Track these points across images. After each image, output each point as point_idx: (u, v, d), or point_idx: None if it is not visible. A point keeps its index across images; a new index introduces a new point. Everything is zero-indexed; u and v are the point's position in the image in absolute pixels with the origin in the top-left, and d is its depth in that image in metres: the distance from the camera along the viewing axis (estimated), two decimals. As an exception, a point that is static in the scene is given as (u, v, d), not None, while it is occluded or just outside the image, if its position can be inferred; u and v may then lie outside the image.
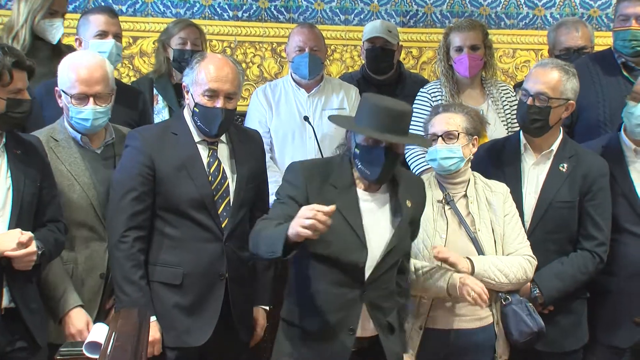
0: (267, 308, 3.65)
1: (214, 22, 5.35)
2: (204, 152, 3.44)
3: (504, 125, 4.36)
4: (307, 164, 3.20)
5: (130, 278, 3.31)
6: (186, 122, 3.46)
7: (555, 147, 3.66)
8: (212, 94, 3.34)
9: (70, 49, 4.28)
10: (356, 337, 3.08)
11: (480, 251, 3.37)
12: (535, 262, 3.44)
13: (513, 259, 3.40)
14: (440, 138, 3.43)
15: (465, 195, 3.48)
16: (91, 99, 3.41)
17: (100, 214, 3.48)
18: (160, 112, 4.63)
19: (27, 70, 3.17)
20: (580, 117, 4.15)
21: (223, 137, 3.49)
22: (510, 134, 4.19)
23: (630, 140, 3.72)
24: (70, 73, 3.43)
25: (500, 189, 3.51)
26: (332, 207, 2.68)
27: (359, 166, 3.05)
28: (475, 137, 3.49)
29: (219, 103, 3.34)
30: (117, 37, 4.16)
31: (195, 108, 3.38)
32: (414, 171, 4.18)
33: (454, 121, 3.46)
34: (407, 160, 4.28)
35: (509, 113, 4.44)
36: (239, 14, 5.51)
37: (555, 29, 4.89)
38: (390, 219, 3.13)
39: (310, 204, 2.80)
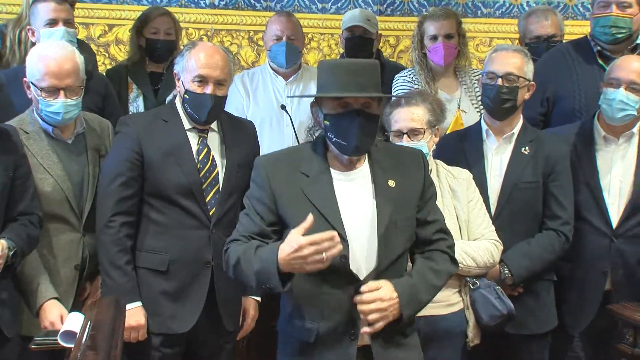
0: (258, 299, 3.61)
1: (190, 10, 5.33)
2: (193, 139, 3.43)
3: (477, 112, 4.36)
4: (270, 157, 2.94)
5: (116, 263, 3.31)
6: (177, 110, 3.46)
7: (516, 130, 3.68)
8: (202, 79, 3.34)
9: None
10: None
11: None
12: (501, 246, 3.45)
13: (480, 244, 3.41)
14: (405, 135, 3.43)
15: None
16: (62, 92, 3.35)
17: (74, 205, 3.45)
18: (135, 100, 4.62)
19: None
20: (557, 106, 4.17)
21: (214, 125, 3.49)
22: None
23: (602, 127, 3.74)
24: (39, 65, 3.35)
25: (463, 176, 3.52)
26: (309, 221, 2.50)
27: (334, 139, 2.75)
28: (437, 127, 3.51)
29: (209, 89, 3.35)
30: (68, 23, 4.04)
31: (185, 95, 3.39)
32: None
33: (418, 116, 3.45)
34: None
35: (483, 100, 4.45)
36: (216, 1, 5.49)
37: (525, 17, 4.93)
38: (376, 201, 2.79)
39: (277, 200, 2.72)
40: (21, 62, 4.13)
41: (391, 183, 2.79)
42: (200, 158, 3.42)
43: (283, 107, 4.46)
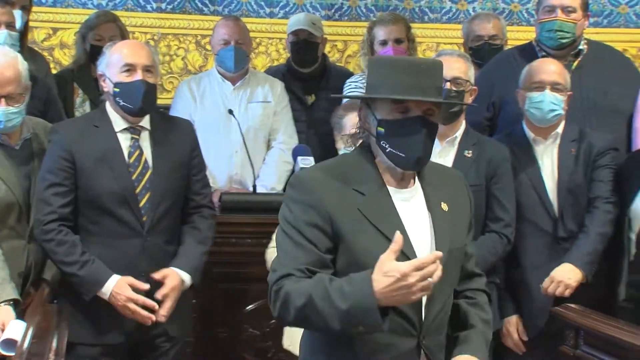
0: (188, 281, 3.39)
1: (136, 14, 5.29)
2: (124, 142, 3.38)
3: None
4: (315, 172, 2.40)
5: (68, 260, 3.25)
6: (107, 113, 3.41)
7: (459, 134, 3.70)
8: (130, 67, 3.32)
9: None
10: None
11: None
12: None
13: None
14: None
15: None
16: (3, 100, 3.29)
17: (24, 212, 3.40)
18: (82, 105, 4.57)
19: None
20: (503, 111, 4.19)
21: (147, 124, 3.43)
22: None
23: (531, 131, 3.81)
24: None
25: None
26: (399, 242, 2.08)
27: (388, 149, 2.29)
28: None
29: (138, 76, 3.32)
30: (10, 26, 3.95)
31: (114, 89, 3.34)
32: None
33: None
34: None
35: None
36: (162, 5, 5.46)
37: (469, 21, 5.03)
38: (433, 226, 2.36)
39: (334, 222, 2.23)
40: None
41: (444, 207, 2.39)
42: (131, 161, 3.36)
43: (230, 111, 4.43)
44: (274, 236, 3.48)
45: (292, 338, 3.39)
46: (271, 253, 3.44)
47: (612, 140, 3.88)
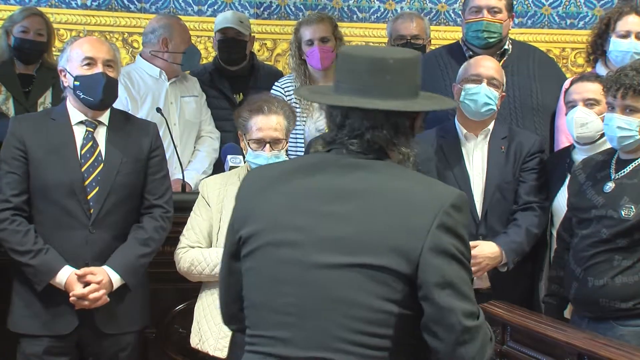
0: (118, 281, 3.38)
1: (61, 11, 5.20)
2: (79, 134, 3.43)
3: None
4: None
5: (22, 249, 3.30)
6: (66, 106, 3.47)
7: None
8: (90, 61, 3.38)
9: None
10: None
11: None
12: None
13: None
14: (268, 145, 3.42)
15: None
16: None
17: None
18: (4, 103, 4.49)
19: None
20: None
21: (105, 120, 3.47)
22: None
23: (463, 126, 3.87)
24: None
25: None
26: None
27: None
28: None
29: (99, 68, 3.36)
30: None
31: (75, 82, 3.37)
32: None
33: (280, 124, 3.44)
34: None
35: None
36: (88, 2, 5.38)
37: (393, 20, 5.12)
38: None
39: None
40: None
41: None
42: (82, 152, 3.39)
43: (159, 109, 4.36)
44: (182, 237, 3.50)
45: (201, 335, 3.41)
46: (180, 254, 3.45)
47: (541, 141, 3.96)
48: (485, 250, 3.67)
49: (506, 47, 4.31)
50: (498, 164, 3.83)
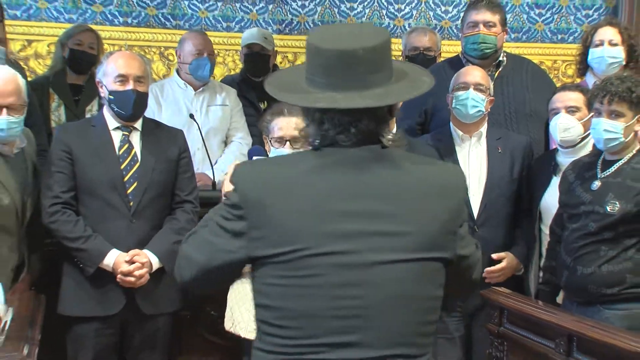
0: (157, 263, 3.44)
1: (106, 27, 5.23)
2: (116, 137, 3.49)
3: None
4: None
5: (73, 236, 3.35)
6: (103, 115, 3.53)
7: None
8: (123, 78, 3.42)
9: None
10: None
11: None
12: None
13: None
14: (288, 142, 3.41)
15: None
16: (4, 110, 3.27)
17: (20, 215, 3.38)
18: (57, 110, 4.51)
19: None
20: (435, 117, 4.24)
21: (139, 126, 3.53)
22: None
23: (458, 129, 3.89)
24: None
25: None
26: None
27: None
28: None
29: (130, 85, 3.42)
30: (3, 43, 3.98)
31: (109, 96, 3.44)
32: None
33: (298, 125, 3.40)
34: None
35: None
36: (129, 20, 5.41)
37: (408, 33, 5.16)
38: None
39: None
40: None
41: None
42: (121, 153, 3.45)
43: (191, 116, 4.41)
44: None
45: (233, 320, 3.42)
46: None
47: (531, 143, 4.02)
48: (509, 263, 3.80)
49: (501, 59, 4.34)
50: (497, 163, 3.87)
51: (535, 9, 5.87)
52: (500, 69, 4.32)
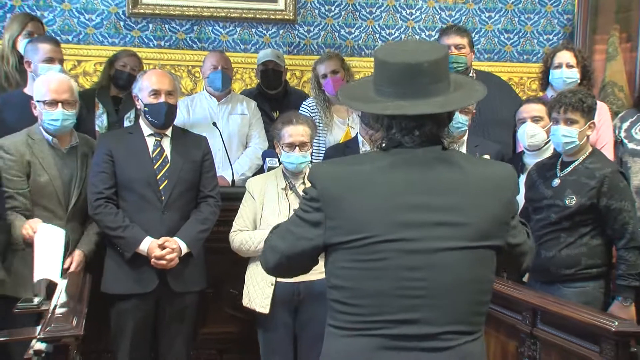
0: (185, 248, 3.43)
1: (142, 49, 5.22)
2: (150, 143, 3.50)
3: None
4: None
5: (114, 225, 3.35)
6: (139, 124, 3.56)
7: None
8: (156, 93, 3.43)
9: None
10: None
11: None
12: None
13: None
14: (297, 147, 3.43)
15: (303, 183, 3.49)
16: (60, 104, 3.35)
17: (62, 199, 3.41)
18: (100, 116, 4.52)
19: None
20: None
21: (169, 132, 3.54)
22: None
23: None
24: (43, 87, 3.39)
25: None
26: None
27: None
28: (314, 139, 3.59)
29: (162, 98, 3.43)
30: (61, 62, 4.02)
31: (145, 108, 3.45)
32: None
33: (305, 132, 3.46)
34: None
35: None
36: (162, 43, 5.40)
37: None
38: None
39: None
40: (15, 87, 4.10)
41: None
42: (154, 155, 3.45)
43: (214, 124, 4.40)
44: (234, 223, 3.50)
45: (249, 297, 3.41)
46: (233, 236, 3.46)
47: (500, 150, 3.99)
48: None
49: (471, 74, 4.33)
50: None
51: (505, 34, 5.85)
52: (471, 84, 4.31)
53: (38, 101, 3.39)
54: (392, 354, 1.74)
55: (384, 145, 1.86)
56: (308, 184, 1.91)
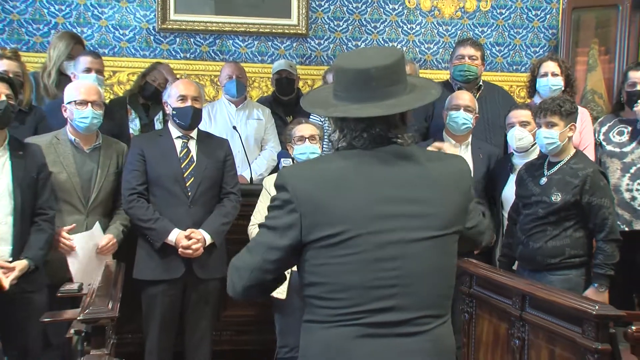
0: (209, 239, 3.43)
1: (169, 61, 5.22)
2: (178, 144, 3.50)
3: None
4: None
5: (145, 218, 3.36)
6: (168, 127, 3.55)
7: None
8: (183, 98, 3.44)
9: None
10: None
11: None
12: None
13: None
14: (307, 139, 3.49)
15: None
16: (89, 105, 3.36)
17: (80, 195, 3.39)
18: (133, 121, 4.53)
19: (7, 83, 3.16)
20: (433, 122, 4.25)
21: (194, 135, 3.53)
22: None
23: (451, 138, 3.86)
24: (74, 90, 3.41)
25: None
26: None
27: None
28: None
29: (189, 103, 3.43)
30: (99, 72, 4.02)
31: (173, 111, 3.46)
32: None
33: (313, 129, 3.56)
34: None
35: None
36: (187, 55, 5.42)
37: None
38: None
39: None
40: (52, 98, 4.10)
41: None
42: (181, 155, 3.45)
43: (234, 127, 4.41)
44: (252, 218, 3.50)
45: None
46: (251, 229, 3.47)
47: (500, 152, 4.04)
48: None
49: (480, 83, 4.36)
50: (479, 166, 3.86)
51: (496, 46, 5.84)
52: (480, 92, 4.32)
53: (69, 102, 3.39)
54: (369, 341, 1.66)
55: (338, 147, 1.78)
56: (274, 192, 1.76)
